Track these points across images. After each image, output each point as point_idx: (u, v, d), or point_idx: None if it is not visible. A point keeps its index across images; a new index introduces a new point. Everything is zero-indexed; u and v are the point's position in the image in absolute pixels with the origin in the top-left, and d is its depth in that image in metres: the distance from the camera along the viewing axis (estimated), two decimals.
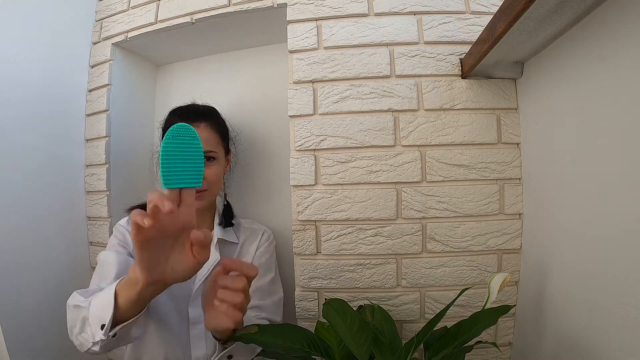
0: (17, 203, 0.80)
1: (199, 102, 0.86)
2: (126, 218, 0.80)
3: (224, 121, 0.86)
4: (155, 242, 0.39)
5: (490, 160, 0.76)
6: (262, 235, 0.86)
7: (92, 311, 0.51)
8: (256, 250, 0.84)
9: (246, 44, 1.02)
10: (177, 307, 0.75)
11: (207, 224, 0.83)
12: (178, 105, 0.84)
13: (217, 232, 0.81)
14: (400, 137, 0.77)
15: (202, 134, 0.76)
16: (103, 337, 0.48)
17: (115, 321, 0.48)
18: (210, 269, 0.77)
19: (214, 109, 0.85)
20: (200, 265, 0.42)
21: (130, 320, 0.49)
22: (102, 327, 0.48)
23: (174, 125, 0.38)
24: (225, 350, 0.55)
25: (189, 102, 0.85)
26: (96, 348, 0.50)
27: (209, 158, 0.77)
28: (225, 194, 0.88)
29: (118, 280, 0.50)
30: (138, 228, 0.37)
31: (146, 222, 0.36)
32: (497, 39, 0.59)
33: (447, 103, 0.77)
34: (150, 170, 0.93)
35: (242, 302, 0.47)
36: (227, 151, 0.86)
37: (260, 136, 1.00)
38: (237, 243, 0.83)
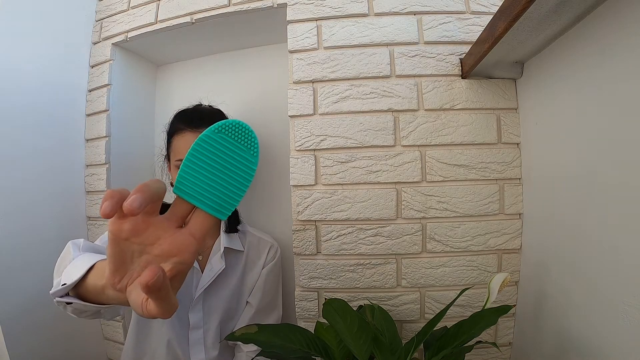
0: (17, 203, 0.80)
1: (205, 102, 0.85)
2: None
3: None
4: (130, 246, 0.27)
5: (490, 160, 0.76)
6: (269, 251, 0.85)
7: (71, 264, 0.45)
8: (262, 267, 0.84)
9: (246, 44, 1.02)
10: (177, 313, 0.75)
11: (213, 230, 0.82)
12: (184, 107, 0.83)
13: (223, 239, 0.80)
14: (400, 137, 0.77)
15: None
16: (52, 293, 0.43)
17: (79, 294, 0.42)
18: (214, 277, 0.77)
19: (219, 111, 0.84)
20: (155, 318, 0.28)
21: (86, 304, 0.41)
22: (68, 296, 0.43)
23: (232, 120, 0.29)
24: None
25: (195, 103, 0.84)
26: (52, 295, 0.44)
27: None
28: None
29: (101, 259, 0.42)
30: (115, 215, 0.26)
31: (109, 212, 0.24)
32: (497, 39, 0.59)
33: (447, 103, 0.77)
34: (156, 171, 0.91)
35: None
36: None
37: (260, 136, 0.98)
38: (243, 251, 0.83)
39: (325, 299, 0.59)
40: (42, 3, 0.88)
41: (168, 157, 0.81)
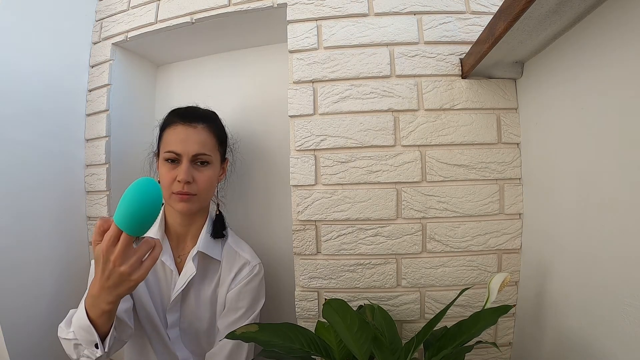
0: (17, 203, 0.80)
1: (201, 105, 0.85)
2: None
3: (223, 127, 0.84)
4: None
5: (490, 160, 0.76)
6: (240, 269, 0.77)
7: (78, 337, 0.56)
8: (229, 284, 0.76)
9: (246, 44, 1.02)
10: (158, 313, 0.76)
11: (193, 232, 0.79)
12: (179, 105, 0.83)
13: (200, 243, 0.76)
14: (400, 137, 0.77)
15: (199, 136, 0.74)
16: (103, 352, 0.56)
17: (102, 334, 0.55)
18: (187, 281, 0.74)
19: (214, 113, 0.84)
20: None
21: (113, 328, 0.56)
22: (96, 345, 0.55)
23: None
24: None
25: (190, 104, 0.84)
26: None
27: (203, 162, 0.75)
28: (218, 204, 0.83)
29: (83, 300, 0.55)
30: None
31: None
32: (497, 39, 0.59)
33: (447, 103, 0.77)
34: (147, 168, 0.91)
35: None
36: (224, 159, 0.84)
37: (260, 136, 1.00)
38: (220, 261, 0.78)
39: (325, 299, 0.59)
40: (42, 3, 0.88)
41: (158, 151, 0.80)
